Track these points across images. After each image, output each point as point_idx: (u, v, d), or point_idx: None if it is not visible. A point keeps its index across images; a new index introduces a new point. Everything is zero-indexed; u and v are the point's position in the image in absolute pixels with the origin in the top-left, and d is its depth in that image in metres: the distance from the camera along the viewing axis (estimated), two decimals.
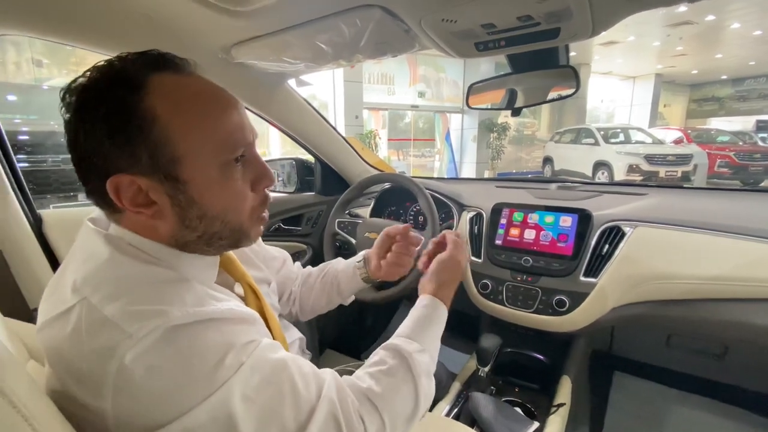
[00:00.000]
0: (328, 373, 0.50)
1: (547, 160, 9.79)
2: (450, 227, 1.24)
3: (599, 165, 8.06)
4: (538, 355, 1.14)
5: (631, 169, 7.43)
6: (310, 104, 1.28)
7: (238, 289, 0.59)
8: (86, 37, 0.76)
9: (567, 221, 1.04)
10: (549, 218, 1.07)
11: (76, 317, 0.39)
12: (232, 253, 0.59)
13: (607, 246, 0.96)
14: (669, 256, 0.91)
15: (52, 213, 0.89)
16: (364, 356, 1.53)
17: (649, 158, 7.36)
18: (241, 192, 0.47)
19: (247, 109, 1.12)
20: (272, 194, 1.52)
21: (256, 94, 1.08)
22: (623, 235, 0.96)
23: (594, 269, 0.95)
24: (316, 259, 1.48)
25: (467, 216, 1.20)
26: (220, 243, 0.49)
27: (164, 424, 0.37)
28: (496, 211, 1.14)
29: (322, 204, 1.54)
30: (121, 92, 0.40)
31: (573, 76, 0.76)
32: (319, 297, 0.83)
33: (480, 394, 0.90)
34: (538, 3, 0.58)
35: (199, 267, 0.50)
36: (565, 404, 0.92)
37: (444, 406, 0.92)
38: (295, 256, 1.47)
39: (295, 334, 0.76)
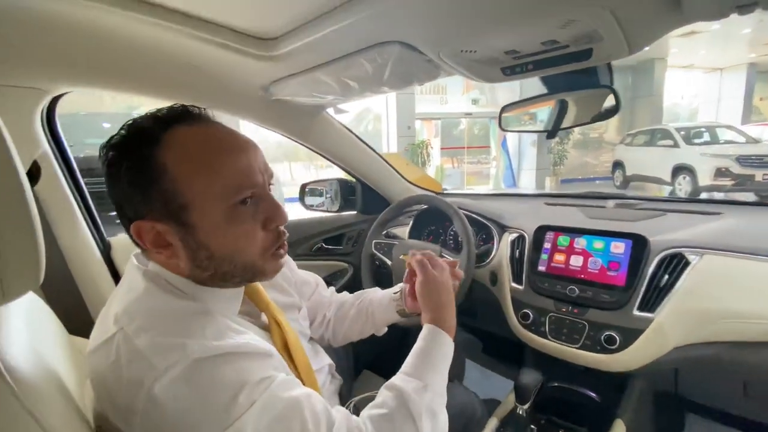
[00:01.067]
0: (341, 415, 0.50)
1: (618, 165, 9.02)
2: (489, 251, 1.19)
3: (680, 169, 7.24)
4: (590, 393, 1.04)
5: (720, 172, 6.57)
6: (348, 129, 1.31)
7: (265, 318, 0.62)
8: (144, 87, 0.86)
9: (619, 247, 0.94)
10: (598, 243, 0.98)
11: (115, 347, 0.43)
12: (258, 284, 0.62)
13: (666, 276, 0.86)
14: (744, 291, 0.79)
15: (119, 240, 1.00)
16: None
17: (742, 160, 6.45)
18: (249, 233, 0.50)
19: (288, 138, 1.20)
20: (315, 214, 1.59)
21: (296, 125, 1.13)
22: (687, 264, 0.85)
23: (650, 303, 0.85)
24: (356, 278, 1.50)
25: (508, 238, 1.14)
26: (235, 280, 0.52)
27: None
28: (540, 233, 1.07)
29: (363, 223, 1.56)
30: (140, 147, 0.45)
31: (613, 97, 0.70)
32: (352, 325, 0.84)
33: None
34: (561, 29, 0.55)
35: (222, 299, 0.53)
36: None
37: None
38: (336, 275, 1.51)
39: (324, 360, 0.77)
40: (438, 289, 0.66)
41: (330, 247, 1.52)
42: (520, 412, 0.91)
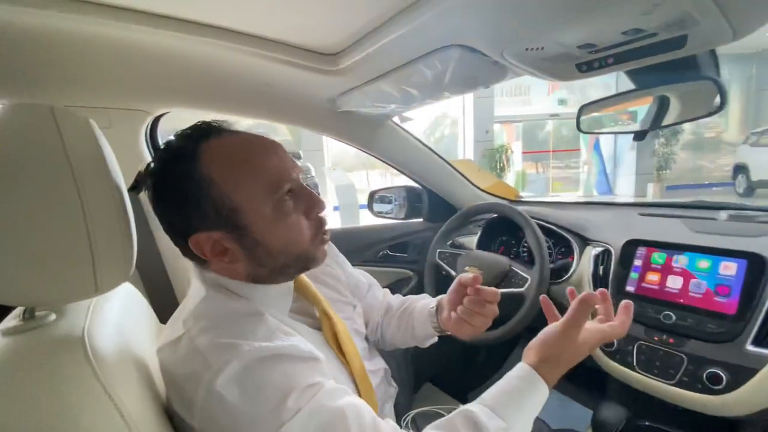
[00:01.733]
0: (390, 428, 0.49)
1: (740, 169, 7.63)
2: (567, 266, 1.08)
3: None
4: None
5: None
6: (414, 136, 1.30)
7: (316, 312, 0.64)
8: (227, 106, 0.95)
9: (730, 268, 0.79)
10: (704, 263, 0.83)
11: (182, 345, 0.48)
12: (306, 278, 0.64)
13: None
14: None
15: None
16: (472, 397, 1.43)
17: None
18: (297, 223, 0.53)
19: (355, 147, 1.23)
20: (380, 222, 1.61)
21: (362, 134, 1.16)
22: None
23: None
24: (420, 287, 1.48)
25: (591, 252, 1.02)
26: (290, 271, 0.56)
27: None
28: (629, 248, 0.94)
29: (429, 231, 1.53)
30: (183, 165, 0.49)
31: (716, 91, 0.58)
32: (395, 334, 0.82)
33: None
34: (645, 15, 0.47)
35: (275, 297, 0.56)
36: None
37: None
38: (401, 282, 1.50)
39: (379, 363, 0.77)
40: (566, 346, 0.53)
41: (395, 254, 1.52)
42: None
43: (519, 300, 0.99)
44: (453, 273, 1.16)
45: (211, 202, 0.49)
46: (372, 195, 1.74)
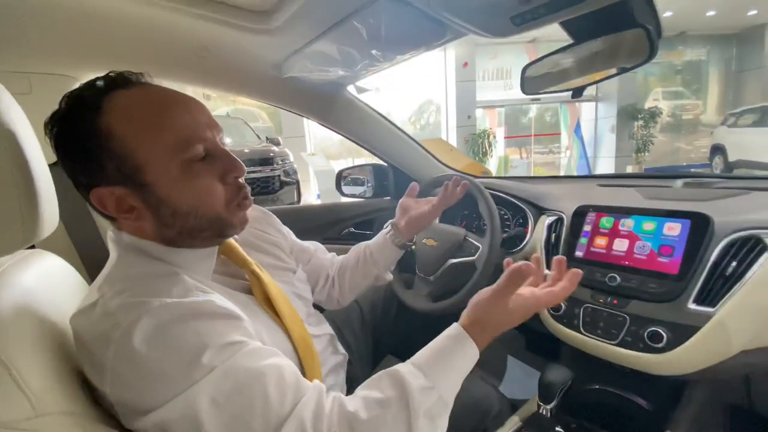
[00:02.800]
0: (312, 389, 0.47)
1: (717, 150, 7.80)
2: (521, 235, 1.08)
3: None
4: (638, 399, 0.89)
5: None
6: (374, 110, 1.27)
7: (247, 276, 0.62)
8: (164, 71, 0.90)
9: (674, 228, 0.79)
10: (649, 225, 0.83)
11: (95, 311, 0.45)
12: (233, 242, 0.62)
13: (734, 264, 0.70)
14: None
15: None
16: None
17: None
18: (208, 186, 0.50)
19: (309, 118, 1.20)
20: (347, 199, 1.59)
21: (316, 104, 1.13)
22: (764, 249, 0.68)
23: (711, 295, 0.70)
24: None
25: (545, 221, 1.02)
26: (204, 235, 0.52)
27: (144, 413, 0.41)
28: (579, 215, 0.94)
29: (395, 208, 1.52)
30: (84, 116, 0.46)
31: (644, 38, 0.57)
32: (354, 273, 0.86)
33: None
34: None
35: (193, 260, 0.54)
36: None
37: None
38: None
39: (325, 329, 0.77)
40: (497, 311, 0.54)
41: (361, 231, 1.51)
42: (543, 413, 0.81)
43: (472, 269, 0.98)
44: (412, 246, 1.15)
45: (112, 156, 0.46)
46: (340, 175, 1.71)
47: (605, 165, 9.07)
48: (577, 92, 0.71)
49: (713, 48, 9.33)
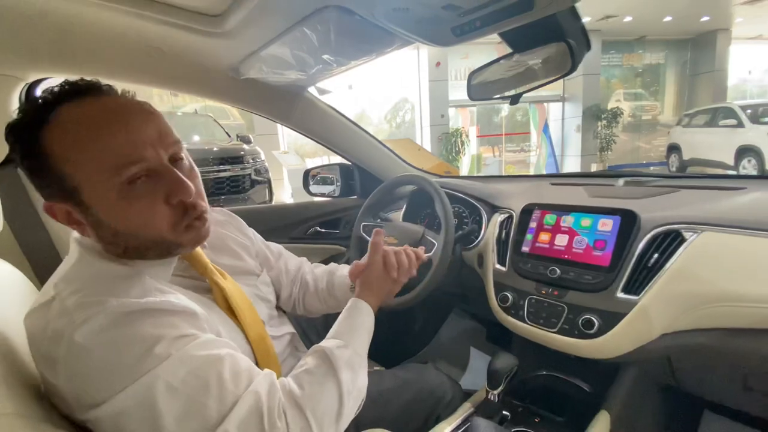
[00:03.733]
0: (265, 375, 0.50)
1: (673, 149, 8.26)
2: (475, 232, 1.13)
3: (744, 151, 6.50)
4: (580, 383, 0.96)
5: None
6: (337, 111, 1.30)
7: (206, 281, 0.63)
8: (115, 73, 0.89)
9: (606, 225, 0.86)
10: (586, 221, 0.90)
11: (51, 309, 0.46)
12: (199, 250, 0.63)
13: (657, 255, 0.77)
14: (743, 271, 0.69)
15: None
16: (406, 363, 1.48)
17: None
18: (149, 210, 0.48)
19: (270, 119, 1.21)
20: (312, 200, 1.61)
21: (275, 105, 1.14)
22: (683, 242, 0.76)
23: (636, 285, 0.77)
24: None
25: (497, 219, 1.08)
26: (151, 254, 0.52)
27: (98, 403, 0.42)
28: (526, 212, 1.00)
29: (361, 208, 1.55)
30: (31, 130, 0.46)
31: (567, 52, 0.62)
32: (319, 308, 0.88)
33: (483, 420, 0.79)
34: None
35: (151, 266, 0.54)
36: None
37: (445, 428, 0.84)
38: (334, 258, 1.51)
39: (286, 329, 0.78)
40: (371, 273, 0.71)
41: (327, 230, 1.53)
42: (492, 398, 0.86)
43: (429, 265, 1.03)
44: None
45: (52, 176, 0.46)
46: (308, 174, 1.73)
47: (572, 163, 9.43)
48: (514, 99, 0.77)
49: (670, 52, 9.86)
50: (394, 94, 9.17)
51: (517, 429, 0.86)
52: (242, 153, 4.78)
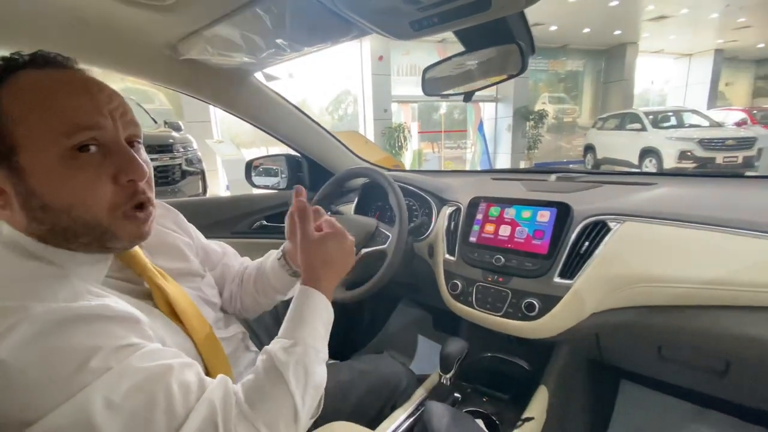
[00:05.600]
0: (218, 383, 0.47)
1: (589, 149, 9.21)
2: (426, 224, 1.17)
3: (646, 152, 7.45)
4: (520, 362, 1.05)
5: (684, 155, 6.80)
6: (285, 99, 1.25)
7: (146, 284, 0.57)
8: (34, 45, 0.77)
9: (544, 216, 0.94)
10: (526, 213, 0.97)
11: None
12: (137, 248, 0.57)
13: (587, 243, 0.86)
14: (659, 256, 0.79)
15: None
16: (356, 356, 1.49)
17: (705, 143, 6.68)
18: (91, 185, 0.45)
19: (212, 104, 1.13)
20: (257, 192, 1.54)
21: (219, 90, 1.06)
22: (608, 231, 0.85)
23: (570, 270, 0.85)
24: None
25: (446, 211, 1.12)
26: (81, 241, 0.47)
27: (28, 424, 0.36)
28: (473, 205, 1.05)
29: (311, 201, 1.52)
30: None
31: (518, 53, 0.67)
32: (255, 297, 0.80)
33: (436, 403, 0.83)
34: None
35: (82, 263, 0.48)
36: (533, 419, 0.83)
37: (400, 415, 0.86)
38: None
39: (235, 329, 0.74)
40: (308, 250, 0.60)
41: (274, 224, 1.47)
42: (444, 382, 0.90)
43: (383, 257, 1.04)
44: None
45: None
46: (250, 165, 1.64)
47: (503, 160, 10.08)
48: (467, 96, 0.80)
49: (588, 61, 10.91)
50: (336, 85, 9.04)
51: (468, 409, 0.91)
52: (171, 141, 4.41)
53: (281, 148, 1.50)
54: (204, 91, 1.05)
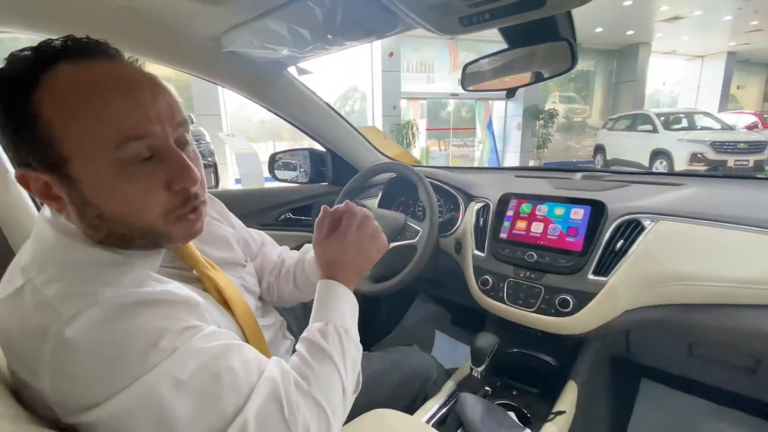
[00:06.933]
0: (273, 360, 0.49)
1: (599, 149, 9.14)
2: (454, 220, 1.18)
3: (657, 154, 7.39)
4: (547, 357, 1.06)
5: (695, 158, 6.74)
6: (314, 93, 1.26)
7: (196, 273, 0.59)
8: (73, 32, 0.79)
9: (578, 213, 0.94)
10: (559, 210, 0.97)
11: (22, 299, 0.40)
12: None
13: (622, 241, 0.86)
14: (694, 255, 0.80)
15: None
16: (375, 350, 1.51)
17: (716, 146, 6.62)
18: (144, 194, 0.44)
19: (246, 97, 1.14)
20: (282, 184, 1.55)
21: (253, 83, 1.08)
22: (643, 229, 0.86)
23: (605, 267, 0.86)
24: None
25: (474, 207, 1.13)
26: (137, 243, 0.47)
27: (93, 405, 0.37)
28: (504, 201, 1.06)
29: (334, 194, 1.53)
30: (16, 89, 0.40)
31: (568, 50, 0.67)
32: (294, 292, 0.81)
33: (469, 395, 0.84)
34: None
35: (136, 256, 0.49)
36: (564, 412, 0.85)
37: (433, 405, 0.88)
38: (306, 247, 1.48)
39: (274, 318, 0.76)
40: (330, 248, 0.63)
41: (298, 217, 1.49)
42: (475, 375, 0.92)
43: (412, 251, 1.05)
44: None
45: (38, 142, 0.40)
46: (273, 158, 1.66)
47: (511, 159, 10.04)
48: (510, 92, 0.81)
49: (599, 60, 10.83)
50: (343, 81, 9.03)
51: (500, 401, 0.92)
52: None
53: (289, 143, 1.51)
54: (240, 85, 1.06)
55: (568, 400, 0.89)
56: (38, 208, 0.87)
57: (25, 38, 0.71)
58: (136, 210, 0.44)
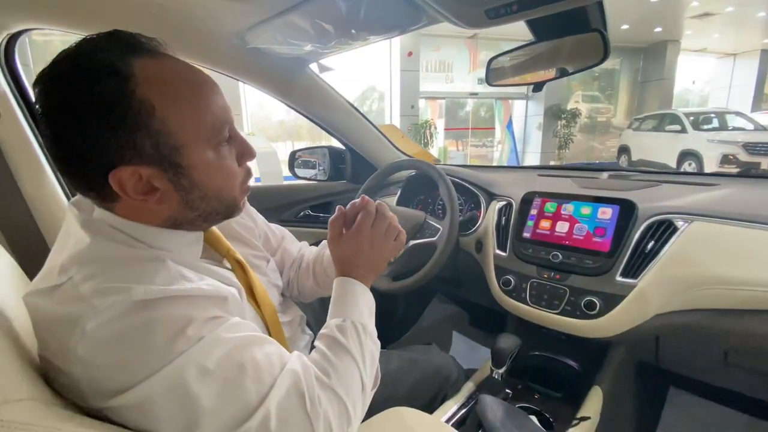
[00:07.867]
0: (295, 354, 0.49)
1: (623, 150, 8.87)
2: (474, 218, 1.16)
3: (686, 155, 7.12)
4: (570, 361, 1.02)
5: (726, 159, 6.46)
6: (336, 91, 1.26)
7: (227, 264, 0.60)
8: (100, 28, 0.81)
9: (606, 213, 0.91)
10: (586, 209, 0.94)
11: (62, 292, 0.41)
12: (216, 230, 0.60)
13: (652, 242, 0.83)
14: (731, 257, 0.76)
15: None
16: (391, 347, 1.50)
17: (749, 147, 6.32)
18: (232, 170, 0.50)
19: (269, 94, 1.15)
20: (301, 182, 1.56)
21: (276, 79, 1.08)
22: (675, 230, 0.82)
23: (634, 269, 0.83)
24: None
25: (496, 206, 1.10)
26: (217, 217, 0.53)
27: (121, 391, 0.38)
28: (527, 200, 1.03)
29: (353, 192, 1.52)
30: (112, 83, 0.40)
31: (600, 41, 0.65)
32: (313, 288, 0.81)
33: (490, 397, 0.82)
34: None
35: (181, 245, 0.51)
36: (589, 418, 0.82)
37: (452, 405, 0.86)
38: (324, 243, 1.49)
39: (294, 313, 0.76)
40: (347, 245, 0.62)
41: (317, 214, 1.50)
42: (496, 377, 0.90)
43: (432, 249, 1.04)
44: None
45: (150, 134, 0.41)
46: (293, 156, 1.67)
47: (531, 159, 9.86)
48: (538, 86, 0.78)
49: (625, 59, 10.51)
50: (361, 81, 9.06)
51: (521, 404, 0.90)
52: None
53: (307, 143, 1.52)
54: (263, 81, 1.07)
55: (592, 406, 0.86)
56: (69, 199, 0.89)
57: (59, 40, 0.74)
58: (228, 185, 0.50)
